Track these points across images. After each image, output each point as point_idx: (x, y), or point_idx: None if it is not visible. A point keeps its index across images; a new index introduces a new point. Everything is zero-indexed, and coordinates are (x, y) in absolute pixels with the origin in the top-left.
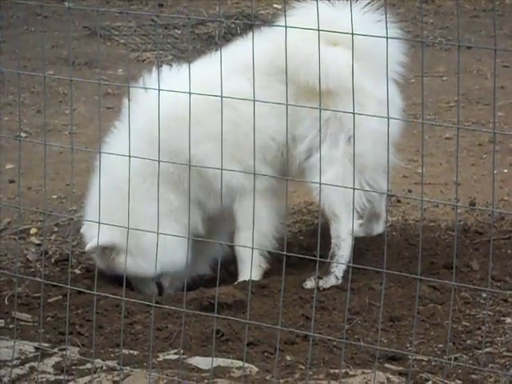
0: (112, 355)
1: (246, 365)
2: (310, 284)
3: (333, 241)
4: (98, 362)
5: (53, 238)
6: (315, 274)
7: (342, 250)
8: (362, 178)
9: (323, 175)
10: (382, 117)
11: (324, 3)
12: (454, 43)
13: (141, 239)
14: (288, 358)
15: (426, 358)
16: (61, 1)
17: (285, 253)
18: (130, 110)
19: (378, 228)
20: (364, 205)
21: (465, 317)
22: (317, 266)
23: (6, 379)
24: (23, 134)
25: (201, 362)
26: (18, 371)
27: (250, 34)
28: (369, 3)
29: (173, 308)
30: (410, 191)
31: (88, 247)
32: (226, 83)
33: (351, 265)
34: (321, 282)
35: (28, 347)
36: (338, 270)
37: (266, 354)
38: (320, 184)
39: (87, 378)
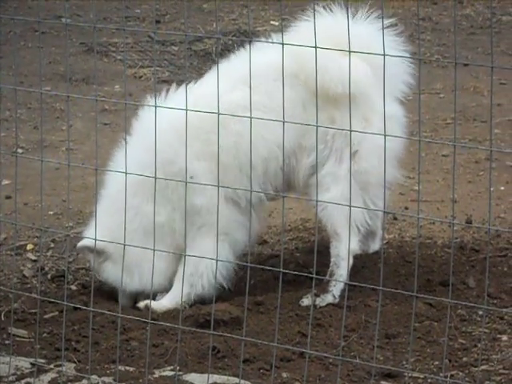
0: (108, 371)
1: (242, 381)
2: (306, 301)
3: (332, 259)
4: (94, 378)
5: (49, 254)
6: (312, 292)
7: (342, 269)
8: (366, 196)
9: (328, 193)
10: (380, 134)
11: (336, 16)
12: (451, 60)
13: (126, 252)
14: (284, 374)
15: (421, 376)
16: (58, 17)
17: (281, 270)
18: (129, 124)
19: (375, 246)
20: (367, 223)
21: (461, 334)
22: (313, 283)
23: None
24: (20, 150)
25: (197, 378)
26: None
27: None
28: (370, 17)
29: (169, 325)
30: (406, 208)
31: (78, 245)
32: (230, 94)
33: (347, 282)
34: (318, 300)
35: (24, 363)
36: (335, 288)
37: (262, 370)
38: (316, 201)
39: None
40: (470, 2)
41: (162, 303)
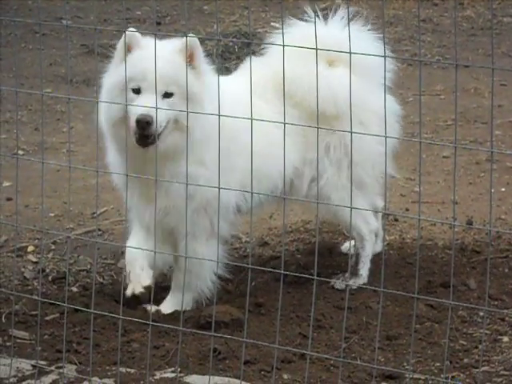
0: (109, 373)
1: (243, 383)
2: (339, 284)
3: (357, 244)
4: (95, 380)
5: (50, 255)
6: (343, 274)
7: (367, 249)
8: (364, 195)
9: (329, 200)
10: (379, 135)
11: (320, 22)
12: (452, 62)
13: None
14: (285, 376)
15: (423, 377)
16: (59, 19)
17: (282, 271)
18: None
19: (377, 247)
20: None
21: (462, 335)
22: (314, 284)
23: None
24: (21, 152)
25: (198, 380)
26: None
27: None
28: (366, 22)
29: (170, 326)
30: (407, 210)
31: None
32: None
33: (348, 283)
34: (351, 282)
35: (25, 365)
36: (364, 270)
37: (263, 372)
38: (317, 203)
39: None
40: (470, 4)
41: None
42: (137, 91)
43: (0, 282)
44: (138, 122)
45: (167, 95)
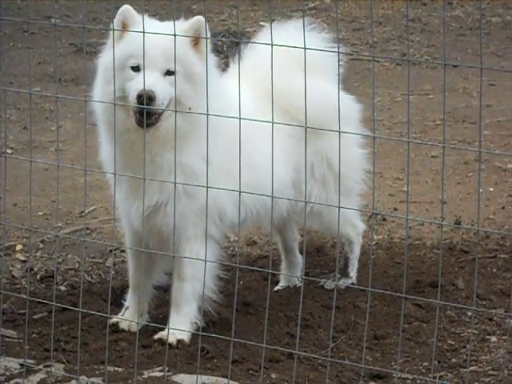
0: (97, 372)
1: (231, 382)
2: (329, 284)
3: (345, 248)
4: (83, 378)
5: (38, 254)
6: (333, 275)
7: (355, 252)
8: (351, 199)
9: (321, 215)
10: (368, 135)
11: (292, 29)
12: (441, 61)
13: None
14: (273, 375)
15: (410, 377)
16: (47, 18)
17: (270, 271)
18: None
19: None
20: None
21: (450, 335)
22: (302, 284)
23: None
24: (9, 151)
25: (186, 379)
26: None
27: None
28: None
29: (158, 325)
30: (395, 209)
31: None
32: (255, 113)
33: (336, 283)
34: (341, 282)
35: (13, 364)
36: (353, 271)
37: (250, 371)
38: (306, 202)
39: None
40: (459, 3)
41: (181, 329)
42: (136, 69)
43: None
44: (140, 96)
45: (169, 73)
